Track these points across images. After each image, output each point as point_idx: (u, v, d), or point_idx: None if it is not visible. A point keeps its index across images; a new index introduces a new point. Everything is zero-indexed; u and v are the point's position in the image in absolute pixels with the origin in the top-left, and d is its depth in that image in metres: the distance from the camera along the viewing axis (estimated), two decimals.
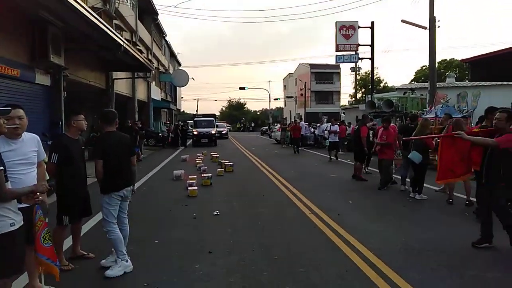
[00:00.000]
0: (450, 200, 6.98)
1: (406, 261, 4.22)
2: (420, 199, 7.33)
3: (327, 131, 16.51)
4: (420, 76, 48.53)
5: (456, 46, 69.08)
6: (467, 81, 33.61)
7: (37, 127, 9.21)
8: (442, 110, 11.92)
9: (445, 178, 5.89)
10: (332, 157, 14.59)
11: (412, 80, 48.68)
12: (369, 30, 23.37)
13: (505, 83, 17.67)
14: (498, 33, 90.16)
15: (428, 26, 16.55)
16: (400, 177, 8.38)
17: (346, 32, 23.98)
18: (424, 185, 7.60)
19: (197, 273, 3.95)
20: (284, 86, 66.94)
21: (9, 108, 2.75)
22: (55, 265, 3.04)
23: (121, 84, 18.45)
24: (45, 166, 3.65)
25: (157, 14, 26.78)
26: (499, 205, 4.47)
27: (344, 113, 35.12)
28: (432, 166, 8.46)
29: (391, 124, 9.55)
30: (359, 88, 48.82)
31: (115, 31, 14.34)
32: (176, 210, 6.75)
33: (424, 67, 50.03)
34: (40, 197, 2.95)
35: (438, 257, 4.30)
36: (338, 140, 14.92)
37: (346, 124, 19.91)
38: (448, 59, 45.36)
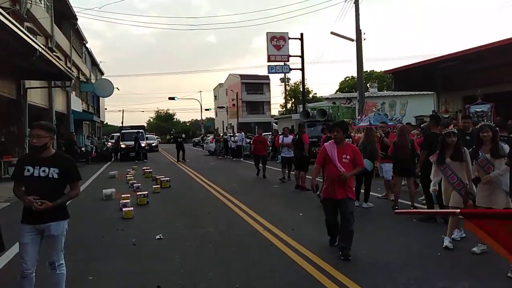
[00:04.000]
0: (396, 207, 7.05)
1: (374, 277, 3.98)
2: (367, 207, 7.33)
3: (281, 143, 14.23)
4: (344, 86, 51.57)
5: (374, 59, 74.96)
6: (384, 91, 36.39)
7: None
8: (375, 118, 12.46)
9: None
10: (285, 177, 11.28)
11: (337, 91, 51.50)
12: (299, 42, 24.09)
13: (424, 92, 19.25)
14: (411, 46, 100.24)
15: (355, 38, 17.48)
16: None
17: (277, 43, 24.37)
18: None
19: None
20: (215, 96, 66.58)
21: None
22: None
23: (36, 94, 16.45)
24: None
25: (76, 18, 24.67)
26: None
27: (276, 122, 35.69)
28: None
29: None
30: (289, 98, 50.25)
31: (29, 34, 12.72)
32: (111, 236, 5.86)
33: (347, 78, 53.37)
34: None
35: (403, 270, 4.14)
36: (293, 155, 10.59)
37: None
38: (368, 71, 48.76)
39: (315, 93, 54.27)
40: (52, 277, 3.23)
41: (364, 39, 17.03)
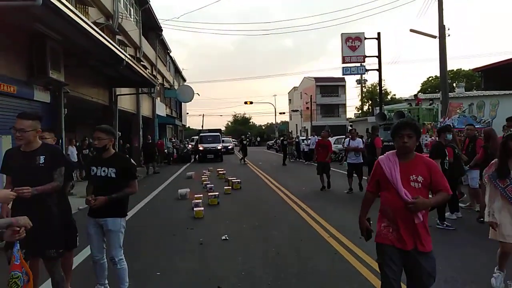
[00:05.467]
0: (482, 219, 6.34)
1: None
2: (455, 218, 6.71)
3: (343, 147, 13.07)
4: (426, 87, 48.04)
5: (462, 56, 68.64)
6: (474, 91, 33.10)
7: None
8: (459, 121, 11.39)
9: None
10: (352, 188, 9.90)
11: (418, 91, 48.17)
12: (376, 41, 23.06)
13: None
14: (503, 42, 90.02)
15: (438, 35, 16.16)
16: None
17: (352, 43, 23.62)
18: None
19: None
20: (289, 100, 66.78)
21: None
22: None
23: (125, 100, 18.13)
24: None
25: (161, 29, 26.68)
26: None
27: (351, 125, 34.51)
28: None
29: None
30: (365, 101, 48.35)
31: (119, 46, 14.11)
32: (181, 234, 6.19)
33: (430, 78, 49.65)
34: (24, 233, 2.45)
35: None
36: (362, 161, 9.93)
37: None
38: (455, 70, 44.86)
39: (394, 95, 51.43)
40: (115, 271, 3.52)
41: (448, 35, 15.65)
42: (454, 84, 36.38)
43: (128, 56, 11.73)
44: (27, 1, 5.55)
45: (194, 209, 7.63)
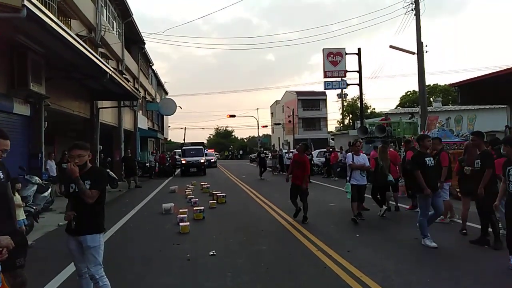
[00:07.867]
0: (464, 231, 6.49)
1: None
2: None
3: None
4: (405, 101, 49.35)
5: (438, 72, 71.09)
6: (450, 105, 34.20)
7: (14, 160, 8.52)
8: (439, 134, 11.68)
9: None
10: (356, 216, 7.79)
11: (397, 106, 49.44)
12: (356, 57, 23.64)
13: (495, 106, 17.75)
14: (479, 59, 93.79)
15: (416, 51, 16.72)
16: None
17: (334, 58, 24.18)
18: None
19: None
20: (272, 113, 67.25)
21: None
22: None
23: (107, 113, 17.85)
24: None
25: (143, 42, 26.58)
26: None
27: (333, 139, 34.98)
28: None
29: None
30: (346, 114, 49.19)
31: (101, 59, 13.93)
32: (167, 250, 6.06)
33: (408, 93, 51.08)
34: (6, 254, 2.36)
35: None
36: (366, 182, 8.08)
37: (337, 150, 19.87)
38: (431, 85, 46.30)
39: (374, 109, 52.51)
40: None
41: (426, 52, 16.25)
42: (431, 99, 37.47)
43: (112, 69, 11.61)
44: (11, 13, 5.43)
45: (180, 224, 7.51)
